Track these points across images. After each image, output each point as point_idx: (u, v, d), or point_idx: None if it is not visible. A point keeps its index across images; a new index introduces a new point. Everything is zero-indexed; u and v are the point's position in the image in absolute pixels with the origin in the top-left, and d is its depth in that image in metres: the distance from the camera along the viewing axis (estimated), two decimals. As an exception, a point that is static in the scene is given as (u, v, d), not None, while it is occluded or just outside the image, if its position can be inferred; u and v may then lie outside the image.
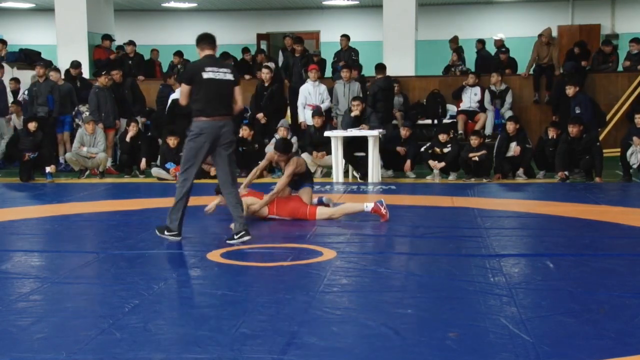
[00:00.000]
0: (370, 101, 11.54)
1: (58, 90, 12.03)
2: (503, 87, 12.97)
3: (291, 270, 5.26)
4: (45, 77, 12.07)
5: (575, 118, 10.42)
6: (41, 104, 11.89)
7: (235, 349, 3.54)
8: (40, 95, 11.93)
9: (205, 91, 6.01)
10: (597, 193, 9.01)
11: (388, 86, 11.72)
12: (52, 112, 11.93)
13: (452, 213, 7.68)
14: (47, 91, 11.92)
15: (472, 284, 4.73)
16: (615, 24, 18.31)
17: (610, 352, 3.48)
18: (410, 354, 3.50)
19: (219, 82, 6.06)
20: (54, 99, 11.90)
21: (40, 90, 11.95)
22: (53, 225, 7.23)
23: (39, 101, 11.91)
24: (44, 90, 11.93)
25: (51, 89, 11.96)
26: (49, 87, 11.96)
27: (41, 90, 11.95)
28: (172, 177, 10.80)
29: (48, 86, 11.97)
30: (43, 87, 11.96)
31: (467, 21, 18.81)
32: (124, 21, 18.07)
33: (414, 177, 10.88)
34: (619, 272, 5.06)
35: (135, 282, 4.84)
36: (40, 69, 12.11)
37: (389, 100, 11.75)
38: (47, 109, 11.88)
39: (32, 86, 12.19)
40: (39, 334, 3.82)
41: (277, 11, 19.71)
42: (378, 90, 11.62)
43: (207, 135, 6.02)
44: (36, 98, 11.96)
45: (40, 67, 12.19)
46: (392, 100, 11.90)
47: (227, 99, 6.15)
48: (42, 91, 11.94)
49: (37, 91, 11.99)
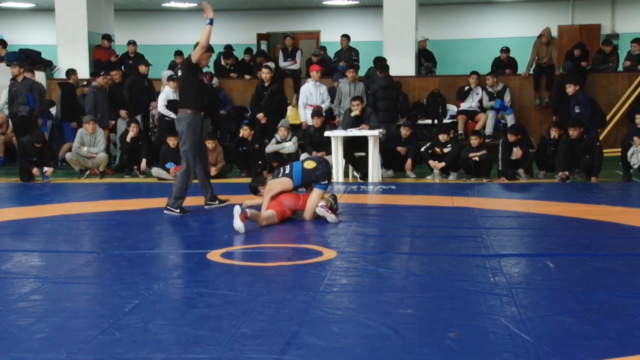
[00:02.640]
0: (370, 100, 11.55)
1: (38, 89, 11.88)
2: (500, 88, 12.97)
3: (291, 270, 5.26)
4: (23, 77, 11.90)
5: (575, 121, 10.41)
6: (21, 104, 11.78)
7: (235, 349, 3.54)
8: (20, 95, 11.79)
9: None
10: (597, 193, 9.01)
11: (389, 84, 11.69)
12: (34, 111, 11.78)
13: (452, 213, 7.68)
14: (26, 90, 11.76)
15: (472, 284, 4.73)
16: (615, 23, 18.31)
17: (610, 352, 3.48)
18: (410, 354, 3.50)
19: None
20: (34, 98, 11.75)
21: (20, 89, 11.81)
22: (53, 225, 7.22)
23: (19, 100, 11.79)
24: (23, 90, 11.78)
25: (30, 87, 11.79)
26: (27, 86, 11.79)
27: (20, 90, 11.80)
28: (172, 177, 10.81)
29: (27, 85, 11.80)
30: (22, 87, 11.81)
31: (467, 21, 18.82)
32: (124, 21, 18.07)
33: (414, 177, 10.88)
34: (619, 272, 5.06)
35: (135, 282, 4.84)
36: (15, 68, 11.94)
37: (390, 99, 11.70)
38: (28, 108, 11.75)
39: (11, 86, 12.00)
40: (39, 334, 3.82)
41: (277, 11, 19.72)
42: (378, 88, 11.61)
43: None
44: (16, 98, 11.84)
45: (14, 66, 12.03)
46: (394, 99, 11.84)
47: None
48: (21, 90, 11.79)
49: (16, 91, 11.85)
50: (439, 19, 18.63)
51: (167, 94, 11.91)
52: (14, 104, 11.89)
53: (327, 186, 7.28)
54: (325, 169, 7.21)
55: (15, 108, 11.88)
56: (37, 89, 11.88)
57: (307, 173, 7.18)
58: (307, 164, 7.27)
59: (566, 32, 17.69)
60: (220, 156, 11.16)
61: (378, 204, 8.52)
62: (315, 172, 7.15)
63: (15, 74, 11.95)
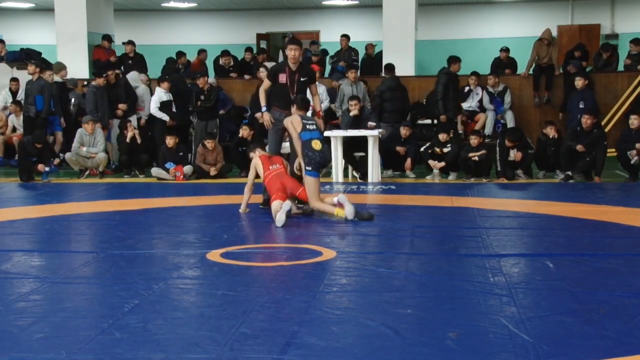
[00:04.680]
0: (377, 101, 11.58)
1: (49, 91, 11.83)
2: (501, 88, 12.98)
3: (291, 270, 5.26)
4: (38, 76, 11.87)
5: (591, 110, 10.34)
6: (30, 104, 11.78)
7: (235, 349, 3.54)
8: (30, 95, 11.80)
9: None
10: (597, 193, 9.01)
11: (395, 85, 11.71)
12: (41, 113, 11.73)
13: (452, 213, 7.68)
14: (37, 90, 11.74)
15: (472, 283, 4.73)
16: (615, 23, 18.30)
17: (610, 352, 3.48)
18: (410, 354, 3.50)
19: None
20: (43, 99, 11.70)
21: (32, 89, 11.81)
22: (53, 225, 7.22)
23: (29, 101, 11.79)
24: (34, 90, 11.77)
25: (41, 88, 11.74)
26: (39, 87, 11.76)
27: (32, 90, 11.80)
28: (172, 177, 10.82)
29: (39, 85, 11.78)
30: (34, 87, 11.81)
31: (467, 21, 18.82)
32: (124, 21, 18.07)
33: (414, 177, 10.88)
34: (619, 272, 5.06)
35: (135, 282, 4.84)
36: (31, 67, 11.94)
37: (397, 100, 11.67)
38: (34, 109, 11.71)
39: (27, 85, 12.02)
40: (39, 334, 3.81)
41: (277, 11, 19.71)
42: (385, 89, 11.63)
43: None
44: (27, 97, 11.86)
45: (31, 64, 12.02)
46: (401, 100, 11.80)
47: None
48: (32, 90, 11.79)
49: (29, 90, 11.86)
50: (439, 19, 18.63)
51: (159, 95, 11.91)
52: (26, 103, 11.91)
53: (317, 175, 7.31)
54: (317, 159, 7.24)
55: (25, 108, 11.89)
56: (47, 90, 11.83)
57: (307, 146, 7.22)
58: (314, 142, 7.30)
59: (566, 32, 17.69)
60: (220, 156, 11.17)
61: (378, 204, 8.52)
62: (314, 153, 7.20)
63: (30, 73, 11.94)
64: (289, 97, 7.79)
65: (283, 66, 8.02)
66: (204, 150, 11.10)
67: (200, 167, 11.01)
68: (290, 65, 7.85)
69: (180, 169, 10.89)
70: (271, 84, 8.00)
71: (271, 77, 8.03)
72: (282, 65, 8.08)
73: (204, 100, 12.05)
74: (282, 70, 7.95)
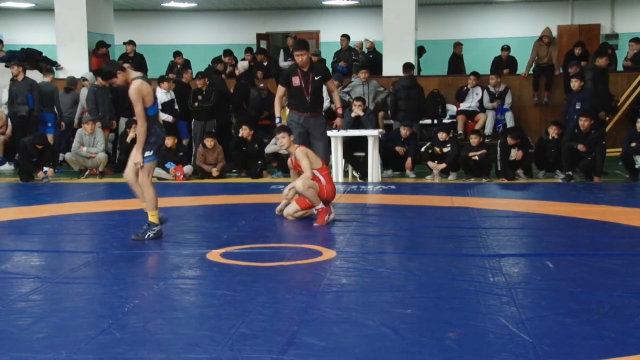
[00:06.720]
0: (392, 99, 11.65)
1: (38, 89, 11.88)
2: (502, 88, 12.97)
3: (291, 270, 5.26)
4: (23, 76, 11.90)
5: (587, 111, 10.34)
6: (21, 103, 11.78)
7: (235, 349, 3.54)
8: (19, 95, 11.80)
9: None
10: (597, 193, 9.00)
11: (411, 84, 11.74)
12: (33, 111, 11.78)
13: (452, 213, 7.68)
14: (26, 90, 11.77)
15: (472, 283, 4.73)
16: (615, 23, 18.30)
17: (610, 352, 3.48)
18: (410, 354, 3.50)
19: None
20: (33, 98, 11.75)
21: (20, 89, 11.82)
22: (53, 225, 7.22)
23: (19, 100, 11.80)
24: (23, 89, 11.79)
25: (30, 87, 11.80)
26: (27, 86, 11.80)
27: (20, 90, 11.81)
28: (172, 177, 10.82)
29: (27, 85, 11.81)
30: (22, 86, 11.82)
31: (467, 21, 18.81)
32: (124, 21, 18.07)
33: (414, 177, 10.88)
34: (619, 272, 5.06)
35: (135, 282, 4.84)
36: (14, 68, 11.94)
37: (412, 99, 11.70)
38: (27, 108, 11.75)
39: (12, 86, 12.01)
40: (39, 334, 3.82)
41: (277, 11, 19.71)
42: (400, 88, 11.66)
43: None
44: (15, 97, 11.85)
45: (13, 66, 12.02)
46: (417, 99, 11.80)
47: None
48: (21, 90, 11.80)
49: (16, 90, 11.86)
50: (439, 19, 18.62)
51: (159, 96, 11.89)
52: (13, 103, 11.90)
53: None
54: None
55: (14, 108, 11.88)
56: (36, 89, 11.88)
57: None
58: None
59: (566, 32, 17.68)
60: (220, 156, 11.16)
61: (378, 204, 8.52)
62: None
63: (14, 74, 11.95)
64: (305, 99, 7.81)
65: (295, 69, 8.03)
66: (204, 150, 11.09)
67: (202, 168, 10.99)
68: (301, 67, 7.87)
69: (180, 168, 10.89)
70: (285, 89, 8.00)
71: (284, 83, 8.03)
72: (294, 69, 8.09)
73: (201, 101, 12.03)
74: (294, 73, 7.96)
